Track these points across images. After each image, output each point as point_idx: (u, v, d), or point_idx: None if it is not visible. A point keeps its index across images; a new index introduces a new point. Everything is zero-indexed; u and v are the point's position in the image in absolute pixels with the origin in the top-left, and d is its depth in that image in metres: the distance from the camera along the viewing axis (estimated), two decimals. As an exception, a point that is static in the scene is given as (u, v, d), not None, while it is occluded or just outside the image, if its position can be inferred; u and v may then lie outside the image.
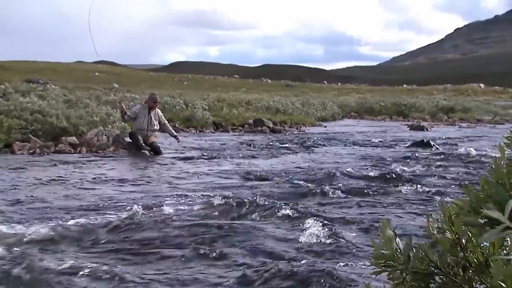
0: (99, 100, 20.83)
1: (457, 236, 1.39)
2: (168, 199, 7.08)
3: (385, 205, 6.99)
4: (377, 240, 1.45)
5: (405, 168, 10.26)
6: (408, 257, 1.43)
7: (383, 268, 1.45)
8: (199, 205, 6.53)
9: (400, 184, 8.47)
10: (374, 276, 1.43)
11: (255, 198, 6.85)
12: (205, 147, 14.51)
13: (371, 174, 9.32)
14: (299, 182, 8.57)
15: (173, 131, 13.63)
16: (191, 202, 6.74)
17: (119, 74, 64.48)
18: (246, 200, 6.64)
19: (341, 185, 8.33)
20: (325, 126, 25.64)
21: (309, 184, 8.21)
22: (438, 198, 7.39)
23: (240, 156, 12.56)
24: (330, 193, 7.70)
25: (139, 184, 8.35)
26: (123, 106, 13.47)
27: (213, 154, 12.80)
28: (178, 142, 13.40)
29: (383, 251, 1.45)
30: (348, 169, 9.86)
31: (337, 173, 9.41)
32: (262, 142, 16.39)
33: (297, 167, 10.56)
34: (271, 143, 16.04)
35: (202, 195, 7.43)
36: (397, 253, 1.44)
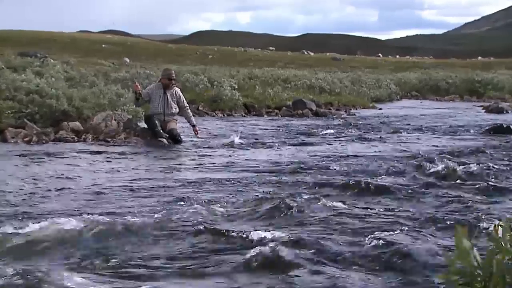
0: (107, 78, 21.00)
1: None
2: (189, 200, 7.05)
3: (453, 206, 6.86)
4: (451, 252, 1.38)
5: (478, 160, 10.07)
6: (490, 274, 1.36)
7: (459, 286, 1.39)
8: (227, 208, 6.48)
9: (473, 181, 8.31)
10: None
11: (299, 198, 6.78)
12: (233, 134, 14.48)
13: (436, 167, 9.16)
14: (352, 176, 8.48)
15: (192, 118, 13.31)
16: (216, 204, 6.70)
17: (131, 46, 64.88)
18: (286, 201, 6.57)
19: (401, 181, 8.22)
20: (380, 109, 25.47)
21: (364, 180, 8.11)
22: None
23: (277, 145, 12.51)
24: (390, 189, 7.60)
25: (154, 181, 8.35)
26: (137, 85, 13.34)
27: (243, 143, 12.77)
28: (196, 134, 13.10)
29: (459, 265, 1.38)
30: (409, 161, 9.74)
31: (396, 166, 9.29)
32: (304, 128, 16.32)
33: (348, 159, 10.46)
34: (314, 130, 15.96)
35: (231, 194, 7.41)
36: (476, 268, 1.38)
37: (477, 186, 7.97)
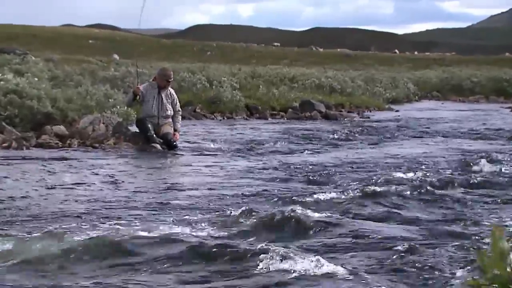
0: (94, 77, 21.00)
1: None
2: (183, 213, 7.06)
3: (478, 216, 6.87)
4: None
5: (506, 168, 10.08)
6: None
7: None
8: (225, 222, 6.47)
9: (499, 189, 8.33)
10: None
11: (309, 212, 6.77)
12: (234, 139, 14.49)
13: (461, 176, 9.17)
14: (365, 188, 8.45)
15: (179, 124, 13.04)
16: (212, 218, 6.70)
17: (121, 42, 65.08)
18: (292, 216, 6.56)
19: (424, 192, 8.20)
20: (397, 111, 25.47)
21: (378, 191, 8.11)
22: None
23: (282, 151, 12.51)
24: (408, 200, 7.61)
25: (147, 191, 8.35)
26: (139, 87, 13.04)
27: (245, 149, 12.77)
28: (174, 142, 12.52)
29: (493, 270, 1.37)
30: (431, 170, 9.76)
31: (416, 175, 9.28)
32: (312, 133, 16.31)
33: (361, 168, 10.46)
34: (323, 134, 15.95)
35: (230, 207, 7.40)
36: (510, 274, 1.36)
37: (504, 195, 7.99)
